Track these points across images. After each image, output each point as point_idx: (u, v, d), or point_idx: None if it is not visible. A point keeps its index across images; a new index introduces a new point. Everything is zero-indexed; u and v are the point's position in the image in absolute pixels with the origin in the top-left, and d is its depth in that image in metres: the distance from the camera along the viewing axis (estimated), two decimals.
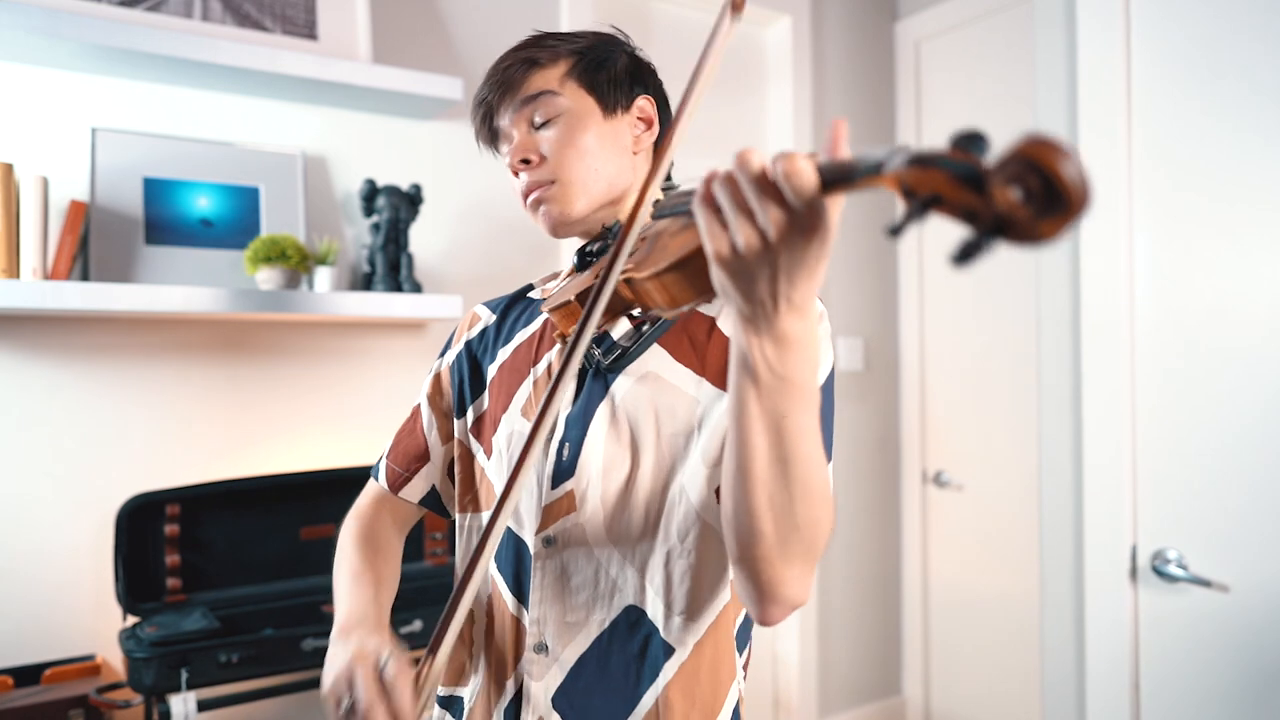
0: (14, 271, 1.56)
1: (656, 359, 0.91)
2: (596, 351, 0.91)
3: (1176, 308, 1.60)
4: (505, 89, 0.97)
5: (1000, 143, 0.47)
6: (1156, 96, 1.63)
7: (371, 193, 1.91)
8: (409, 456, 1.08)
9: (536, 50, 0.98)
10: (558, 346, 0.96)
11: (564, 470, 0.90)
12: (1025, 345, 2.43)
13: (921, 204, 0.48)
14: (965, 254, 0.45)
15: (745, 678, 0.97)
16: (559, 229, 0.96)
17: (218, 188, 1.83)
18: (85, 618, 1.71)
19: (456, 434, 1.05)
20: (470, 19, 2.16)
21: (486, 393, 1.03)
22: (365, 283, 1.95)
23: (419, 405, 1.10)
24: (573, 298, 0.83)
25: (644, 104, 1.01)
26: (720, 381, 0.88)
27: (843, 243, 2.81)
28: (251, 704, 1.72)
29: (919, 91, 2.85)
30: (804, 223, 0.57)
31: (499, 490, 0.96)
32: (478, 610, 0.98)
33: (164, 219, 1.77)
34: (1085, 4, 1.73)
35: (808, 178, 0.54)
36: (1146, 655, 1.64)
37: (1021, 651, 2.50)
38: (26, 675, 1.61)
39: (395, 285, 1.92)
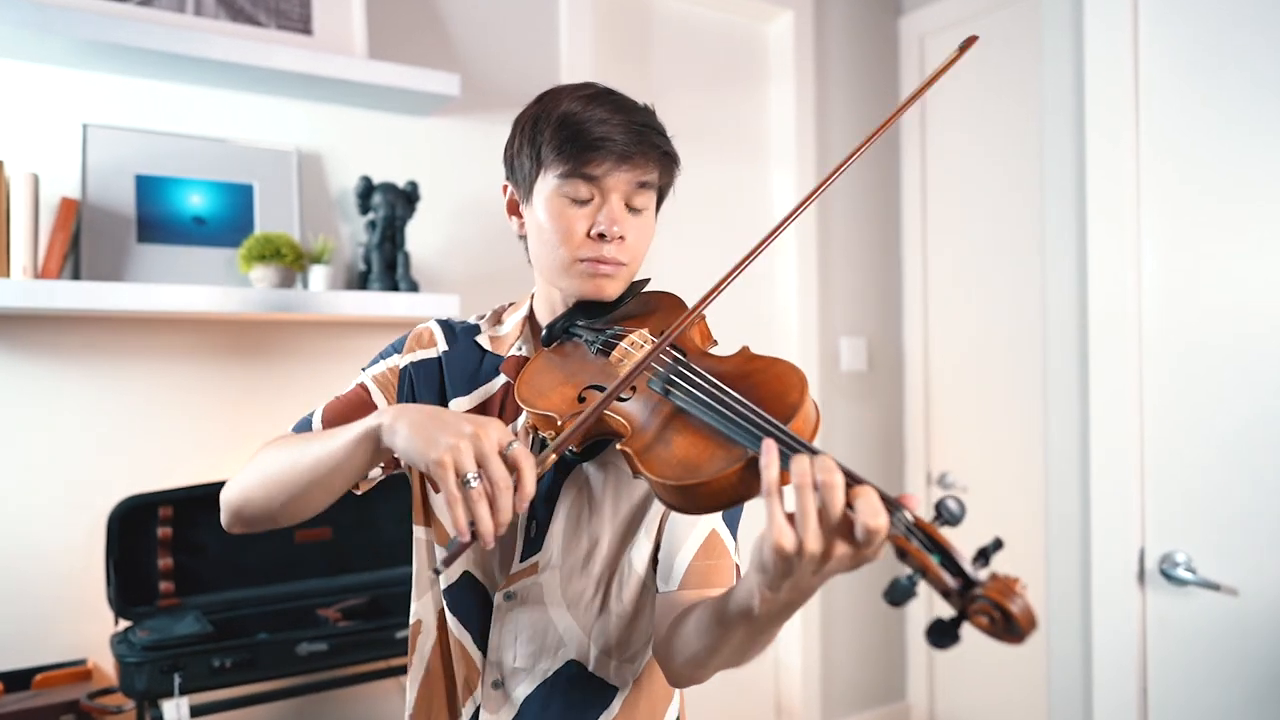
0: (4, 270, 1.54)
1: (615, 454, 0.98)
2: (572, 451, 0.96)
3: (1184, 308, 1.58)
4: (635, 157, 0.96)
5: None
6: (1164, 93, 1.60)
7: (367, 190, 1.89)
8: (349, 419, 0.99)
9: (665, 144, 0.99)
10: (523, 420, 1.00)
11: (532, 545, 0.99)
12: (1031, 345, 2.41)
13: (913, 578, 0.62)
14: (938, 640, 0.61)
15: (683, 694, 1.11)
16: (596, 297, 0.99)
17: (211, 185, 1.81)
18: (76, 622, 1.69)
19: None
20: (468, 14, 2.14)
21: None
22: (361, 281, 1.93)
23: (361, 384, 1.07)
24: (558, 419, 0.89)
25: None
26: None
27: (846, 241, 2.79)
28: (245, 709, 1.70)
29: None
30: (867, 556, 0.66)
31: (452, 529, 0.97)
32: (427, 624, 1.05)
33: (156, 217, 1.75)
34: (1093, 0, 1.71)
35: (884, 531, 0.63)
36: (1154, 660, 1.62)
37: (1028, 655, 2.47)
38: (17, 680, 1.59)
39: (391, 284, 1.90)
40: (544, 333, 1.03)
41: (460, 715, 1.01)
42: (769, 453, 0.67)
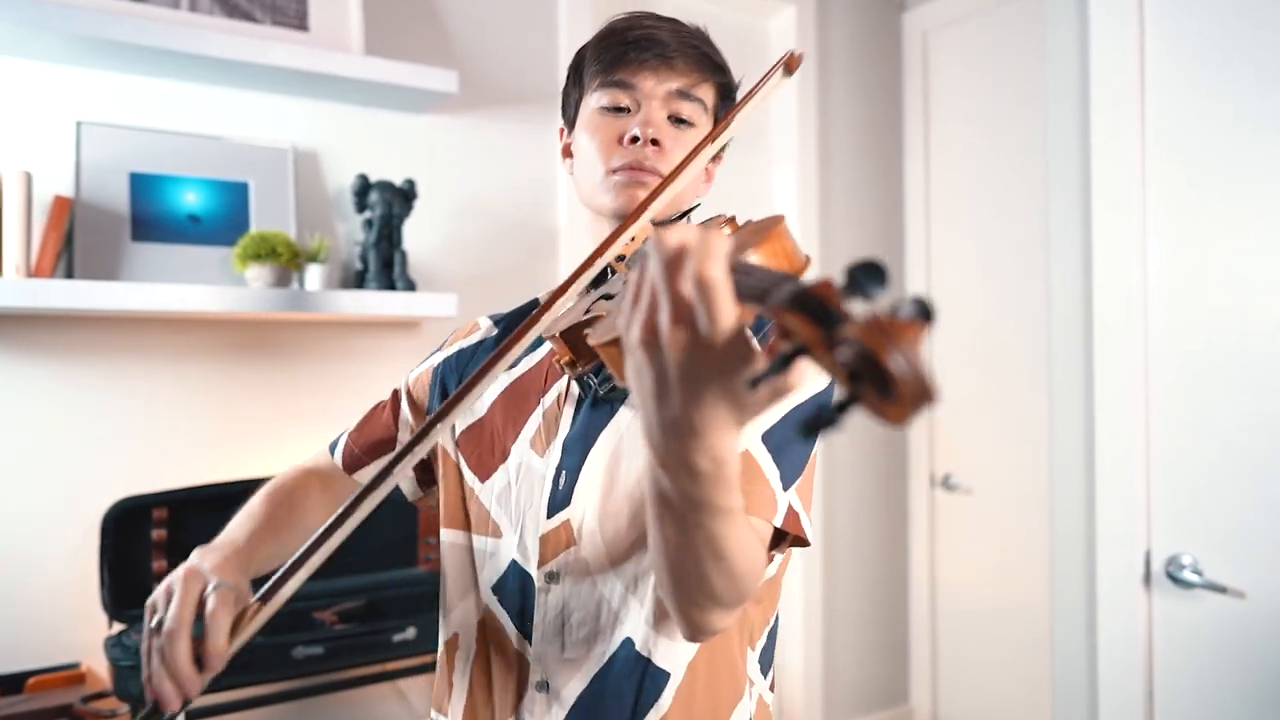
0: None
1: None
2: (593, 381, 0.89)
3: (1190, 308, 1.56)
4: (675, 60, 0.90)
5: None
6: (1170, 89, 1.58)
7: (364, 188, 1.87)
8: (371, 442, 1.04)
9: (714, 56, 0.94)
10: (566, 375, 0.92)
11: (560, 499, 0.88)
12: (1036, 345, 2.38)
13: (782, 354, 0.43)
14: (814, 427, 0.41)
15: (766, 698, 0.94)
16: (626, 211, 0.89)
17: (206, 183, 1.80)
18: (70, 625, 1.68)
19: (444, 444, 1.00)
20: (466, 10, 2.12)
21: (484, 405, 0.98)
22: (358, 281, 1.91)
23: (396, 392, 1.06)
24: (558, 334, 0.79)
25: (727, 148, 0.99)
26: None
27: (848, 237, 2.77)
28: (240, 713, 1.68)
29: (926, 84, 2.80)
30: (704, 330, 0.48)
31: (507, 525, 0.92)
32: (465, 637, 0.94)
33: (151, 215, 1.74)
34: None
35: (719, 285, 0.47)
36: (1160, 663, 1.60)
37: (1032, 659, 2.45)
38: (9, 684, 1.57)
39: (388, 283, 1.88)
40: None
41: None
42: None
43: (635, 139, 0.89)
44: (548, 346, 0.97)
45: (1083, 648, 1.76)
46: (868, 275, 0.42)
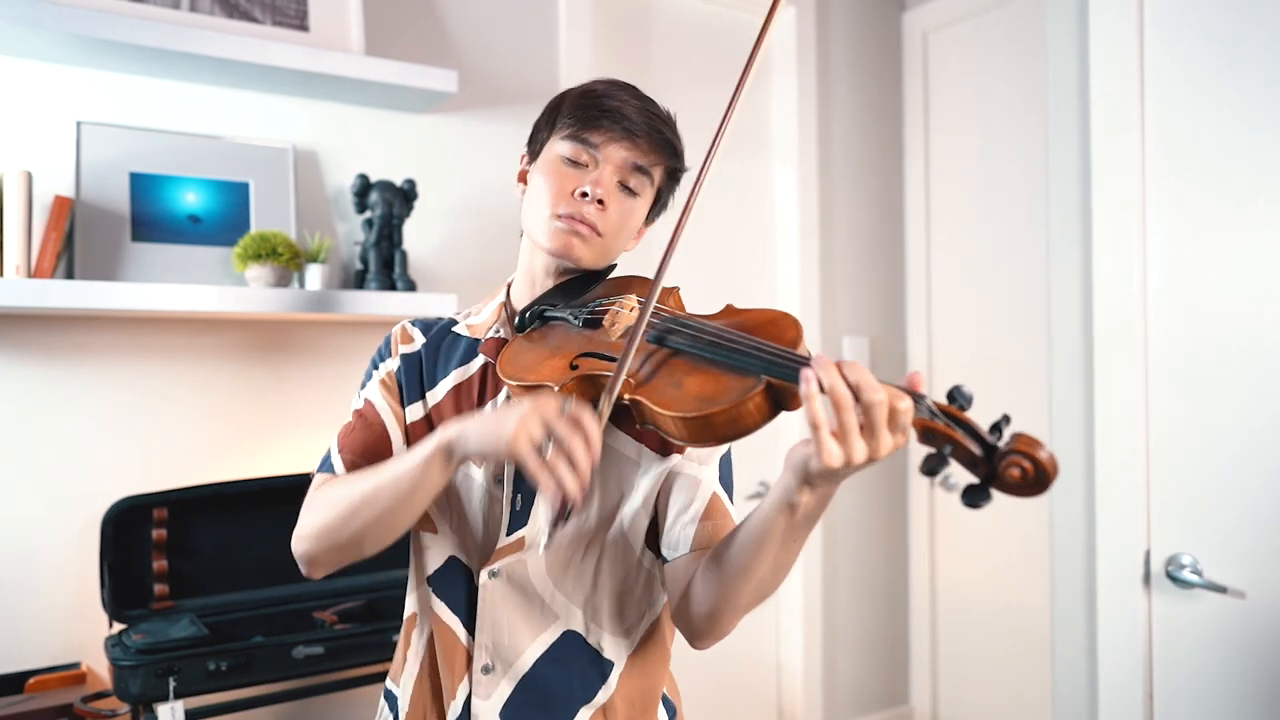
0: None
1: (605, 430, 1.00)
2: None
3: (1190, 307, 1.56)
4: (639, 138, 1.01)
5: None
6: (1170, 90, 1.58)
7: (364, 188, 1.87)
8: (369, 446, 1.04)
9: (675, 142, 1.06)
10: (504, 395, 1.01)
11: (518, 519, 1.00)
12: (1035, 345, 2.39)
13: (943, 453, 0.68)
14: (973, 500, 0.68)
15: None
16: (563, 260, 1.02)
17: (206, 183, 1.80)
18: (70, 625, 1.68)
19: (395, 431, 1.06)
20: (465, 9, 2.12)
21: (424, 407, 1.06)
22: (358, 280, 1.91)
23: (367, 401, 1.07)
24: (555, 387, 0.88)
25: (659, 214, 1.12)
26: (658, 449, 1.01)
27: (849, 239, 2.77)
28: (241, 713, 1.69)
29: (926, 84, 2.81)
30: (898, 445, 0.72)
31: (442, 522, 1.05)
32: (421, 617, 1.05)
33: (151, 215, 1.74)
34: None
35: (910, 419, 0.71)
36: (1161, 663, 1.60)
37: (1032, 659, 2.46)
38: (10, 684, 1.58)
39: (388, 283, 1.88)
40: (517, 319, 1.04)
41: (449, 709, 1.00)
42: (808, 382, 0.70)
43: (584, 194, 0.99)
44: (476, 363, 1.05)
45: (1083, 648, 1.76)
46: (963, 396, 0.71)
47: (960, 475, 2.75)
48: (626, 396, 0.84)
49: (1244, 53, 1.49)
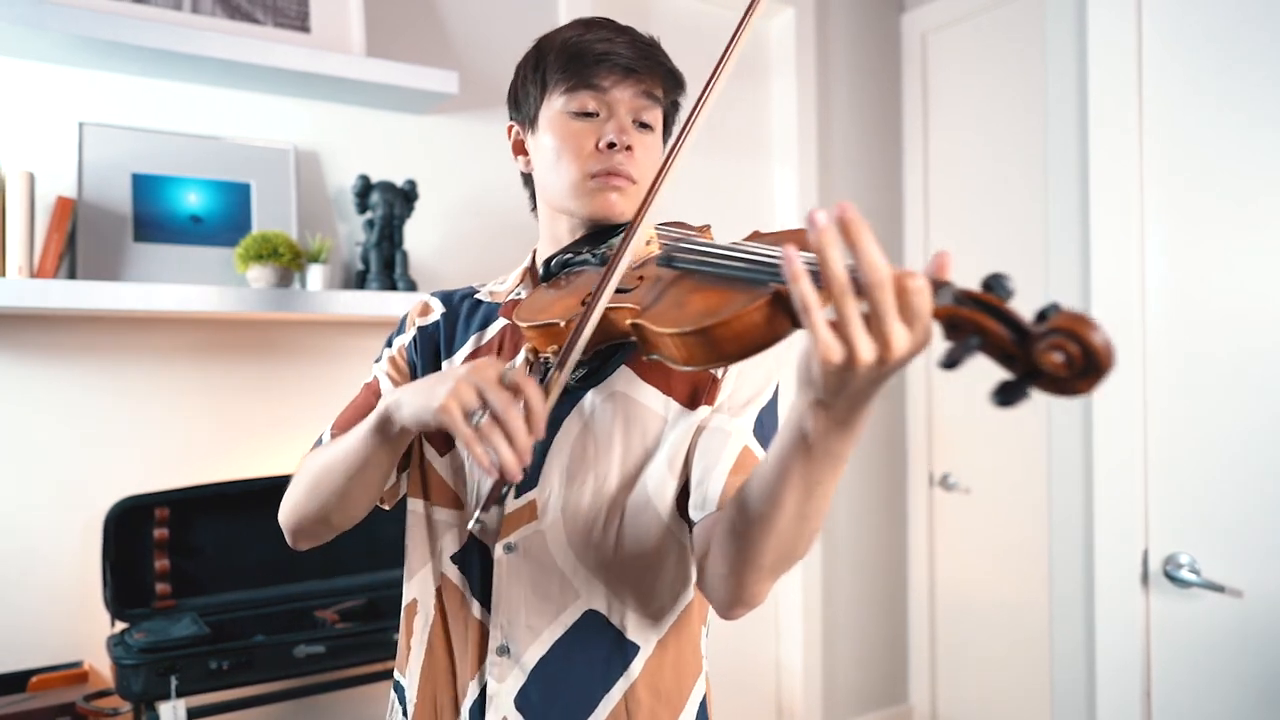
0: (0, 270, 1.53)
1: (624, 379, 0.94)
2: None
3: (1188, 307, 1.56)
4: (640, 70, 0.95)
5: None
6: (1169, 91, 1.59)
7: (365, 189, 1.88)
8: (358, 418, 1.01)
9: (668, 61, 1.00)
10: (521, 356, 0.96)
11: (528, 480, 0.93)
12: None
13: (969, 344, 0.55)
14: (1007, 397, 0.54)
15: (710, 681, 1.03)
16: (606, 219, 0.96)
17: (208, 184, 1.80)
18: (72, 624, 1.68)
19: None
20: (465, 11, 2.12)
21: None
22: (359, 281, 1.92)
23: (375, 379, 1.06)
24: (561, 322, 0.84)
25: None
26: (686, 400, 0.93)
27: None
28: (242, 711, 1.69)
29: (925, 85, 2.81)
30: (919, 343, 0.58)
31: (469, 498, 0.98)
32: (424, 603, 0.99)
33: (153, 216, 1.74)
34: None
35: (928, 304, 0.57)
36: (1158, 662, 1.60)
37: (1031, 658, 2.46)
38: (12, 682, 1.58)
39: (389, 283, 1.89)
40: (541, 271, 0.99)
41: (465, 695, 0.94)
42: (792, 262, 0.58)
43: (611, 144, 0.93)
44: (496, 325, 1.02)
45: (1081, 646, 1.77)
46: (1002, 282, 0.57)
47: (959, 477, 2.73)
48: (629, 321, 0.77)
49: (1243, 52, 1.49)
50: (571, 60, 0.94)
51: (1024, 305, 0.57)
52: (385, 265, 1.89)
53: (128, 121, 1.76)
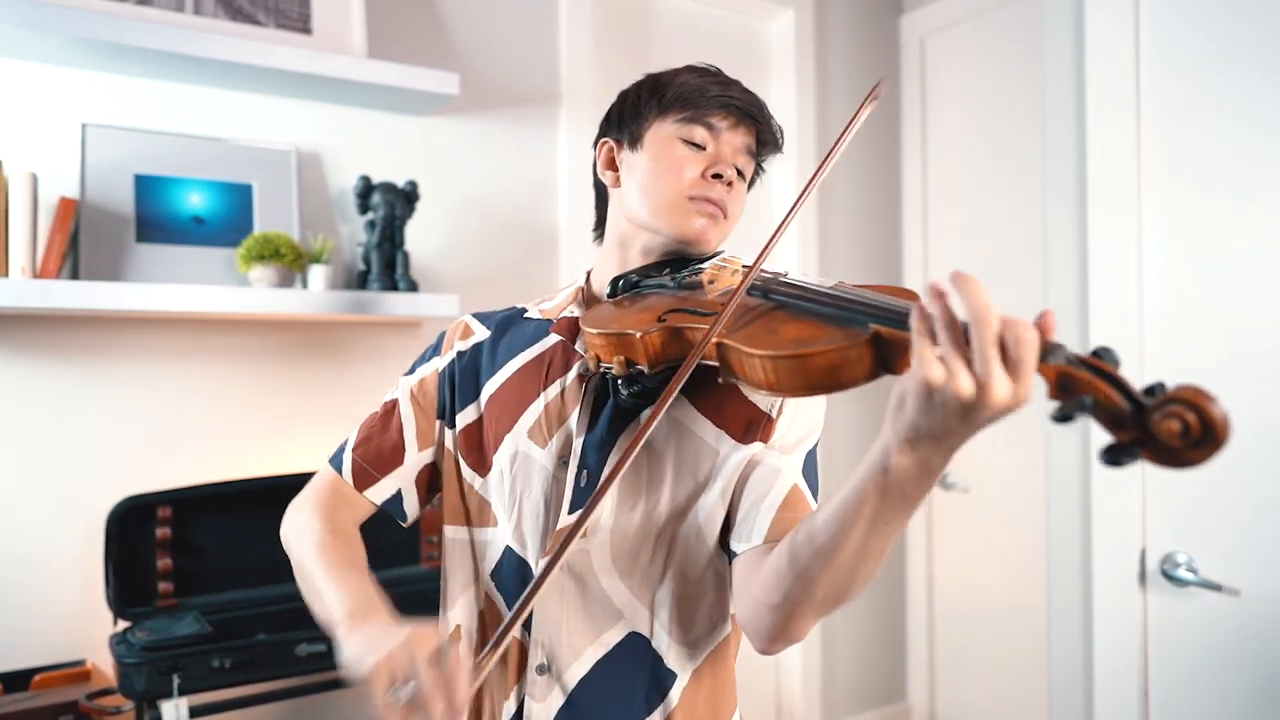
0: (2, 270, 1.54)
1: (680, 407, 0.95)
2: (626, 389, 0.92)
3: (1186, 307, 1.57)
4: (752, 123, 1.00)
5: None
6: (1167, 93, 1.59)
7: (366, 189, 1.88)
8: (381, 456, 1.04)
9: (776, 124, 1.04)
10: (575, 372, 0.97)
11: (581, 496, 0.93)
12: None
13: (1082, 403, 0.57)
14: (1116, 458, 0.57)
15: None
16: (695, 242, 0.98)
17: (210, 184, 1.81)
18: (75, 623, 1.69)
19: (447, 444, 1.03)
20: (467, 12, 2.13)
21: (478, 407, 1.02)
22: (360, 281, 1.92)
23: (395, 401, 1.07)
24: (637, 334, 0.84)
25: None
26: (740, 436, 0.94)
27: (846, 239, 2.78)
28: (244, 710, 1.69)
29: (924, 87, 2.82)
30: (1023, 395, 0.59)
31: (502, 513, 0.97)
32: (467, 628, 0.98)
33: (155, 216, 1.75)
34: None
35: (1034, 355, 0.58)
36: (1156, 661, 1.61)
37: (1029, 656, 2.47)
38: (15, 681, 1.58)
39: (391, 284, 1.89)
40: (609, 287, 0.99)
41: (501, 713, 0.93)
42: (921, 310, 0.62)
43: (717, 175, 0.96)
44: (548, 342, 1.01)
45: (1079, 645, 1.77)
46: (1111, 353, 0.60)
47: (958, 477, 2.74)
48: (716, 340, 0.78)
49: (1240, 54, 1.50)
50: (694, 94, 0.98)
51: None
52: (386, 266, 1.89)
53: (130, 123, 1.76)
